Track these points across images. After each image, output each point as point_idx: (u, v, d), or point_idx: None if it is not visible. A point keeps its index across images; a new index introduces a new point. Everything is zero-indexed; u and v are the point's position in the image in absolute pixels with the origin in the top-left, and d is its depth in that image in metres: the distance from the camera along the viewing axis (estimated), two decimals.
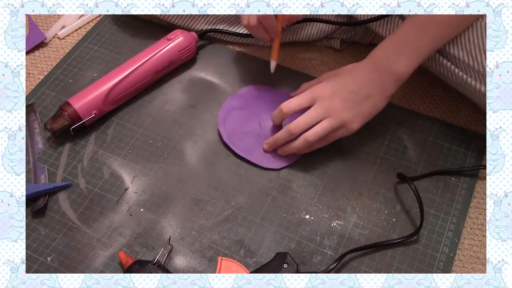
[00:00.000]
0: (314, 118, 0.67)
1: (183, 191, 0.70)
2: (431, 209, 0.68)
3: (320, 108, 0.67)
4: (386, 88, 0.67)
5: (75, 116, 0.74)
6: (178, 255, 0.65)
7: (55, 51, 0.88)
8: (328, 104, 0.66)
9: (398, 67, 0.65)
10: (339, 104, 0.66)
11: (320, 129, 0.67)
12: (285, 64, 0.85)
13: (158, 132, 0.76)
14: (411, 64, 0.65)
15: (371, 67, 0.67)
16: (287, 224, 0.67)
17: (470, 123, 0.77)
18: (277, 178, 0.71)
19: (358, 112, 0.67)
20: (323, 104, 0.67)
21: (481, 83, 0.64)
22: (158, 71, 0.80)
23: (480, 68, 0.63)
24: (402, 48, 0.65)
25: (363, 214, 0.68)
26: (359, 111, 0.67)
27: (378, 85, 0.66)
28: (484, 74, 0.63)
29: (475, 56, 0.64)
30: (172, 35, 0.81)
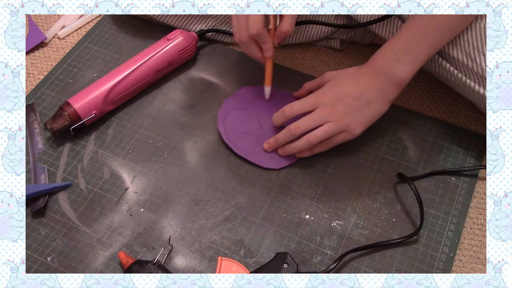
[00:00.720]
0: (316, 120, 0.67)
1: (183, 191, 0.70)
2: (431, 209, 0.68)
3: (322, 112, 0.67)
4: (387, 93, 0.67)
5: (75, 116, 0.74)
6: (178, 255, 0.65)
7: (55, 51, 0.88)
8: (330, 109, 0.67)
9: (399, 73, 0.65)
10: (342, 109, 0.67)
11: (322, 131, 0.67)
12: (285, 64, 0.85)
13: (158, 132, 0.76)
14: (412, 69, 0.65)
15: (372, 73, 0.67)
16: (287, 224, 0.67)
17: (470, 123, 0.77)
18: (277, 178, 0.71)
19: (360, 117, 0.67)
20: (325, 109, 0.67)
21: (479, 85, 0.64)
22: (158, 71, 0.80)
23: (479, 70, 0.63)
24: (402, 53, 0.65)
25: (363, 214, 0.68)
26: (361, 116, 0.67)
27: (380, 90, 0.67)
28: (483, 76, 0.63)
29: (473, 58, 0.64)
30: (172, 35, 0.81)
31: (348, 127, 0.67)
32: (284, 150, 0.71)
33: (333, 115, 0.67)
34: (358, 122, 0.67)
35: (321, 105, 0.68)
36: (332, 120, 0.67)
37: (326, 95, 0.68)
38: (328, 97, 0.68)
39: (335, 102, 0.67)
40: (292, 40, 0.86)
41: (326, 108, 0.67)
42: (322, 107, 0.67)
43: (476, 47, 0.63)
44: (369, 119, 0.68)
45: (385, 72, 0.66)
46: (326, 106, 0.67)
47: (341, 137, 0.68)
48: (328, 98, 0.68)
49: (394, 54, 0.66)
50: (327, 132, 0.67)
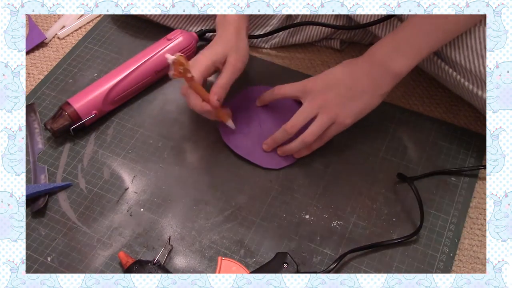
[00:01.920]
0: (308, 113, 0.67)
1: (183, 191, 0.70)
2: (431, 209, 0.68)
3: (312, 103, 0.67)
4: (381, 86, 0.66)
5: (75, 116, 0.74)
6: (178, 255, 0.65)
7: (55, 51, 0.88)
8: (320, 99, 0.66)
9: (396, 65, 0.65)
10: (332, 99, 0.66)
11: (316, 128, 0.67)
12: (285, 64, 0.85)
13: (158, 132, 0.76)
14: (409, 63, 0.65)
15: (368, 63, 0.66)
16: (287, 224, 0.67)
17: (470, 123, 0.77)
18: (277, 178, 0.71)
19: (351, 108, 0.66)
20: (315, 99, 0.67)
21: (478, 88, 0.64)
22: (158, 71, 0.80)
23: (477, 73, 0.63)
24: (402, 46, 0.64)
25: (363, 214, 0.68)
26: (352, 107, 0.66)
27: (374, 82, 0.66)
28: (481, 79, 0.63)
29: (472, 61, 0.63)
30: (172, 35, 0.81)
31: (338, 117, 0.66)
32: (283, 150, 0.71)
33: (323, 105, 0.66)
34: (347, 114, 0.66)
35: (311, 93, 0.67)
36: (322, 111, 0.66)
37: (317, 83, 0.68)
38: (318, 85, 0.67)
39: (325, 91, 0.66)
40: (292, 40, 0.86)
41: (316, 99, 0.67)
42: (312, 96, 0.67)
43: (475, 50, 0.63)
44: (359, 110, 0.67)
45: (382, 63, 0.65)
46: (316, 95, 0.67)
47: (333, 130, 0.68)
48: (319, 86, 0.67)
49: (393, 46, 0.65)
50: (320, 126, 0.67)
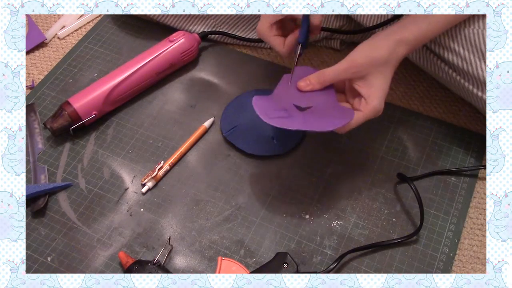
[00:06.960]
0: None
1: (183, 191, 0.70)
2: (431, 209, 0.68)
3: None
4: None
5: (75, 116, 0.74)
6: (178, 255, 0.65)
7: (55, 51, 0.88)
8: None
9: (404, 35, 0.61)
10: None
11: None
12: (285, 64, 0.85)
13: (158, 132, 0.76)
14: (415, 33, 0.62)
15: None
16: (287, 224, 0.67)
17: (470, 123, 0.77)
18: (277, 178, 0.71)
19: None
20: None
21: (477, 89, 0.64)
22: (159, 72, 0.80)
23: (475, 73, 0.63)
24: (408, 23, 0.62)
25: (363, 214, 0.68)
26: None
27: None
28: (480, 80, 0.63)
29: (470, 62, 0.64)
30: (174, 37, 0.81)
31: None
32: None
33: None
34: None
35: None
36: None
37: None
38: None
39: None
40: None
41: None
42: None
43: (474, 52, 0.63)
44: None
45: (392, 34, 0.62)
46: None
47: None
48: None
49: (398, 25, 0.63)
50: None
